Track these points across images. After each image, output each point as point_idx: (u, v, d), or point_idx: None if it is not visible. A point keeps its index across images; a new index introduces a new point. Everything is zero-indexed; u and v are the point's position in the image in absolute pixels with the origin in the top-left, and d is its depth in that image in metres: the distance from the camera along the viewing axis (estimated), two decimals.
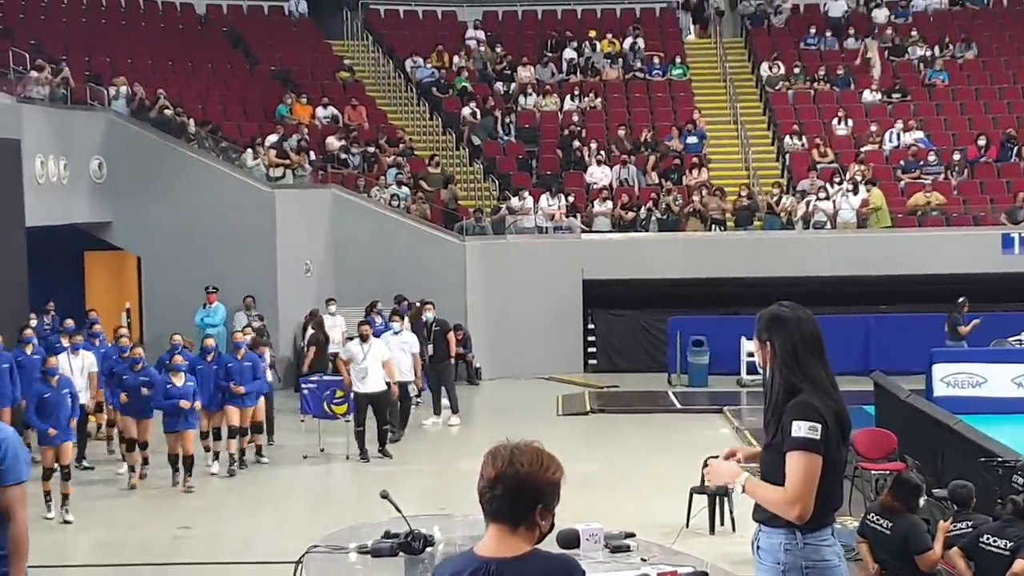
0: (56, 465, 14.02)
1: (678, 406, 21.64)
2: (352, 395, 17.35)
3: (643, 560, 5.54)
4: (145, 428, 15.90)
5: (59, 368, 14.94)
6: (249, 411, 16.99)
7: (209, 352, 16.87)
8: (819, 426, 4.83)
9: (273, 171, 25.32)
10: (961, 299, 21.69)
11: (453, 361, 20.93)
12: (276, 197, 24.13)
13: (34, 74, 23.65)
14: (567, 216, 26.13)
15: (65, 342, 17.34)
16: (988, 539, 8.65)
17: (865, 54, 30.89)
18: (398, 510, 6.21)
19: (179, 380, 15.65)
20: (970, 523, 9.46)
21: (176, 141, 24.63)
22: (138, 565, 12.60)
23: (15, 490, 5.40)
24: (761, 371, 5.25)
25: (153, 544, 13.30)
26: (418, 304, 21.20)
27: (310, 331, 22.13)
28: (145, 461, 16.09)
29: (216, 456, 16.63)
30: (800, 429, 4.83)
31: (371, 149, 27.45)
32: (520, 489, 3.85)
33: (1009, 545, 8.47)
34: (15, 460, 5.39)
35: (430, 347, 19.90)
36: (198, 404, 15.86)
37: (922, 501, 9.63)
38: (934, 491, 11.86)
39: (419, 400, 20.30)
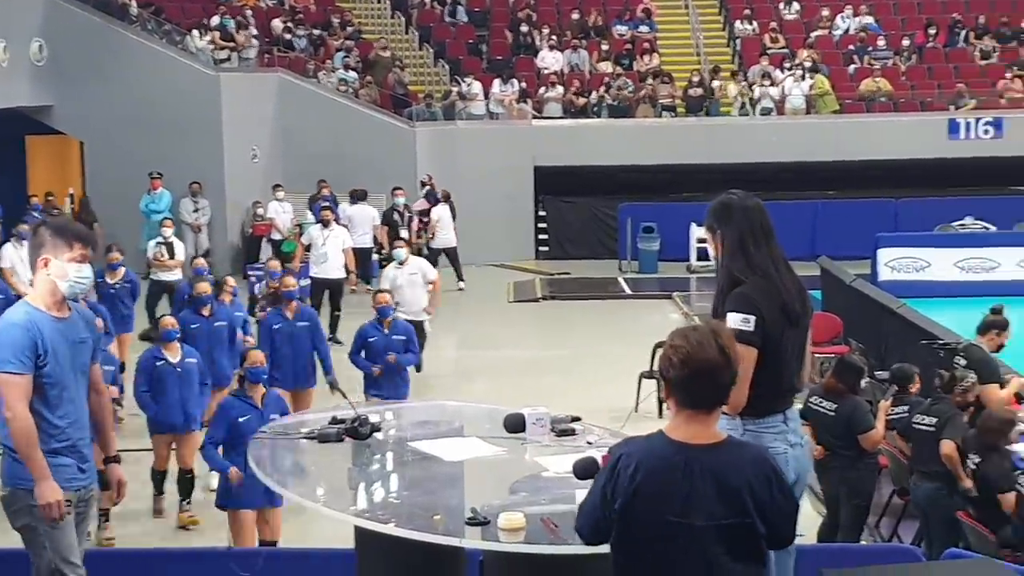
0: None
1: (628, 292, 21.76)
2: (309, 280, 17.27)
3: (589, 443, 5.58)
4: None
5: None
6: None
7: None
8: (752, 318, 4.85)
9: (218, 54, 24.92)
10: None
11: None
12: (221, 81, 23.74)
13: None
14: (518, 102, 25.95)
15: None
16: (919, 418, 8.83)
17: None
18: (344, 396, 6.23)
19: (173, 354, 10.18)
20: (907, 406, 9.63)
21: (118, 23, 24.12)
22: None
23: None
24: (713, 259, 5.26)
25: None
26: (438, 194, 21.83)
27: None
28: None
29: None
30: (734, 321, 4.84)
31: (317, 32, 27.04)
32: (712, 374, 3.89)
33: (935, 421, 8.63)
34: None
35: (404, 231, 19.85)
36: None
37: (864, 383, 9.77)
38: (877, 373, 12.04)
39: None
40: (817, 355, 14.22)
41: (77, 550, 5.47)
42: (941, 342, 11.33)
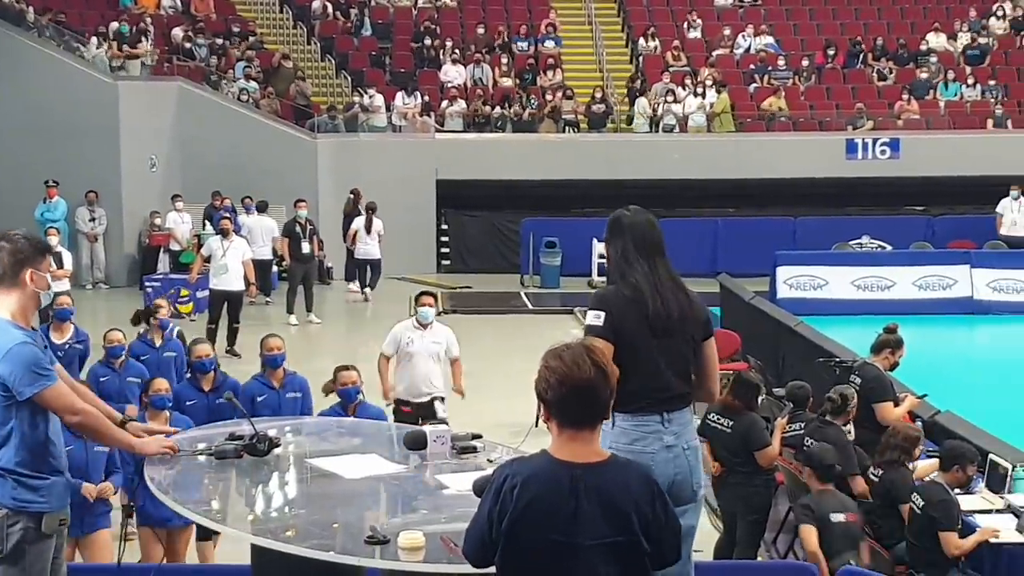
0: None
1: (530, 307, 21.80)
2: (208, 291, 17.07)
3: (489, 461, 5.57)
4: None
5: None
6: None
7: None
8: (603, 314, 5.17)
9: (116, 62, 24.56)
10: None
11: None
12: (119, 89, 23.41)
13: None
14: (421, 115, 25.91)
15: None
16: (808, 442, 8.87)
17: None
18: (243, 412, 6.14)
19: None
20: (801, 424, 9.75)
21: (15, 29, 23.68)
22: None
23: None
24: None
25: None
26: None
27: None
28: None
29: None
30: (588, 317, 5.25)
31: (219, 41, 26.78)
32: (591, 392, 3.91)
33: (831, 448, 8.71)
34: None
35: (305, 244, 19.68)
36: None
37: (761, 399, 9.87)
38: (775, 390, 12.18)
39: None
40: None
41: None
42: (837, 360, 11.48)
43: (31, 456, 5.35)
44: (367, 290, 21.94)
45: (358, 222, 21.85)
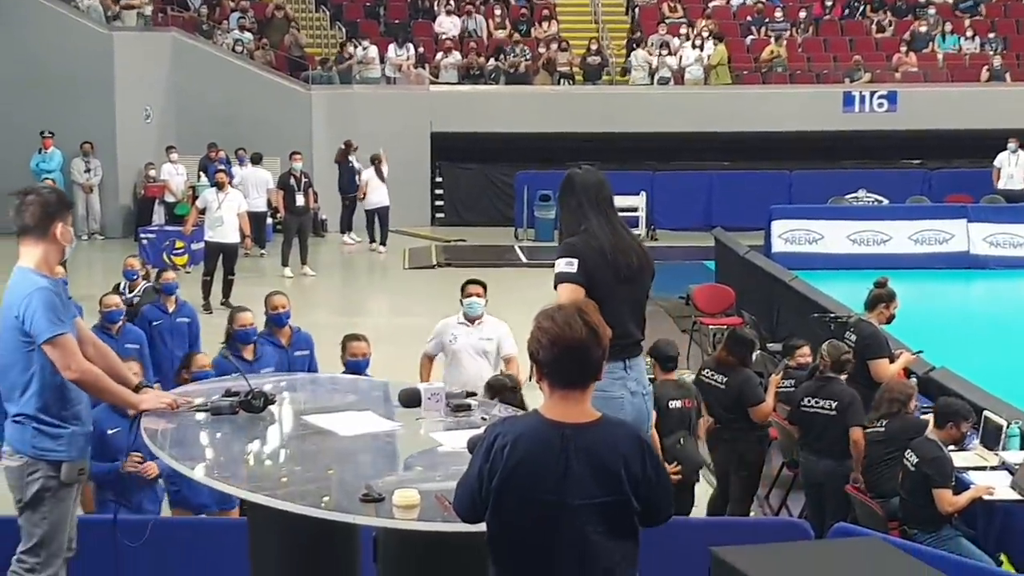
0: None
1: (524, 260, 21.74)
2: (204, 244, 17.05)
3: (483, 419, 5.57)
4: None
5: None
6: None
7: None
8: (575, 260, 5.41)
9: (111, 12, 24.40)
10: None
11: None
12: (114, 40, 23.27)
13: None
14: (415, 67, 25.78)
15: None
16: (809, 401, 8.85)
17: None
18: (238, 368, 6.13)
19: None
20: (792, 381, 9.76)
21: None
22: None
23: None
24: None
25: None
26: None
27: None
28: None
29: None
30: (559, 265, 5.46)
31: None
32: (583, 353, 3.92)
33: (835, 404, 8.69)
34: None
35: (299, 197, 19.63)
36: None
37: (756, 355, 9.87)
38: (769, 345, 12.19)
39: None
40: (710, 326, 14.40)
41: (73, 525, 5.61)
42: (833, 316, 11.49)
43: (52, 403, 5.44)
44: (379, 245, 22.03)
45: (367, 174, 21.85)
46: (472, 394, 5.95)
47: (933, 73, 26.56)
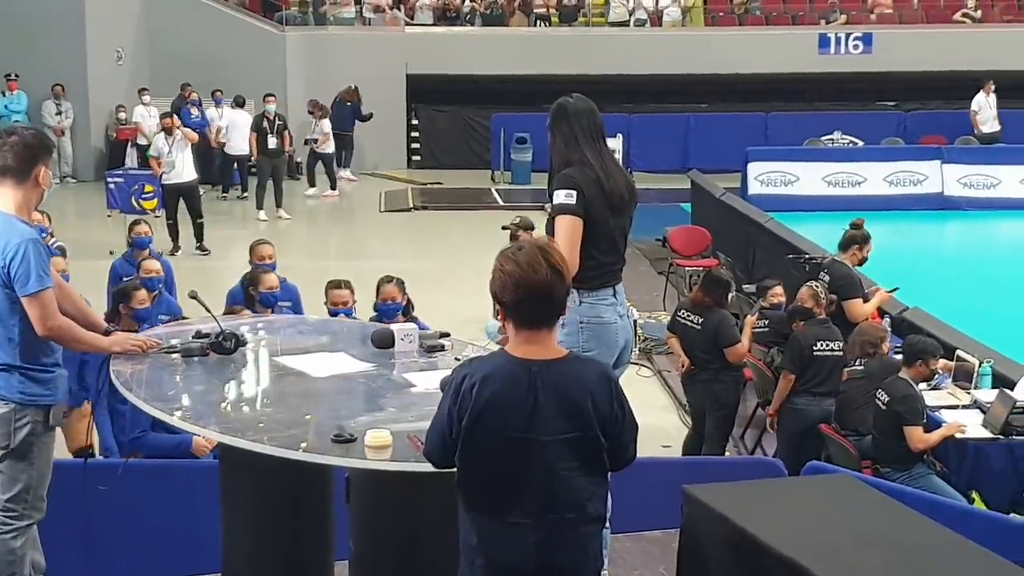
0: None
1: (501, 203, 21.68)
2: (161, 188, 17.00)
3: (457, 360, 5.55)
4: None
5: None
6: None
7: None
8: (574, 192, 5.42)
9: None
10: None
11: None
12: None
13: None
14: (391, 8, 25.57)
15: None
16: (822, 345, 8.80)
17: None
18: (208, 310, 6.08)
19: None
20: (767, 321, 9.79)
21: None
22: None
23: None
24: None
25: None
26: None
27: None
28: None
29: None
30: (559, 196, 5.46)
31: None
32: (546, 293, 3.91)
33: (841, 345, 8.74)
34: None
35: (272, 139, 19.56)
36: None
37: (731, 296, 9.89)
38: (744, 287, 12.21)
39: None
40: (686, 268, 14.41)
41: (48, 479, 5.57)
42: (807, 257, 11.50)
43: (38, 351, 5.41)
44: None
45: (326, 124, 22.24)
46: (446, 334, 5.92)
47: (908, 15, 26.50)
